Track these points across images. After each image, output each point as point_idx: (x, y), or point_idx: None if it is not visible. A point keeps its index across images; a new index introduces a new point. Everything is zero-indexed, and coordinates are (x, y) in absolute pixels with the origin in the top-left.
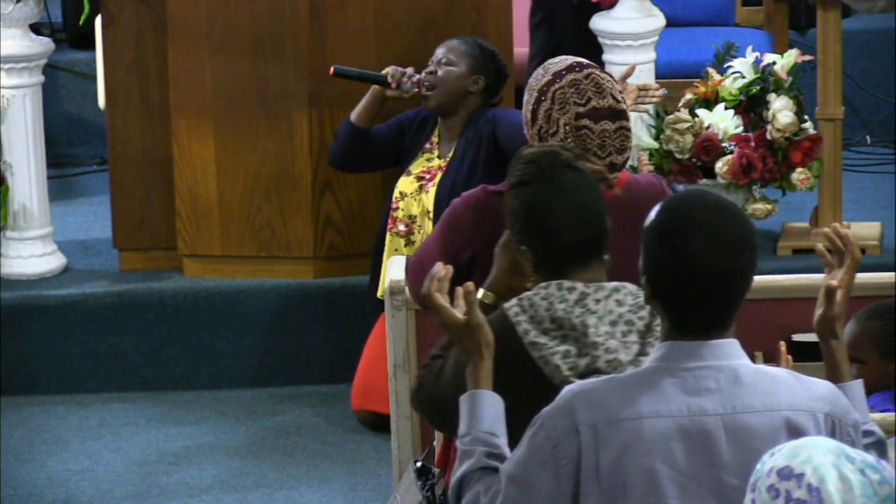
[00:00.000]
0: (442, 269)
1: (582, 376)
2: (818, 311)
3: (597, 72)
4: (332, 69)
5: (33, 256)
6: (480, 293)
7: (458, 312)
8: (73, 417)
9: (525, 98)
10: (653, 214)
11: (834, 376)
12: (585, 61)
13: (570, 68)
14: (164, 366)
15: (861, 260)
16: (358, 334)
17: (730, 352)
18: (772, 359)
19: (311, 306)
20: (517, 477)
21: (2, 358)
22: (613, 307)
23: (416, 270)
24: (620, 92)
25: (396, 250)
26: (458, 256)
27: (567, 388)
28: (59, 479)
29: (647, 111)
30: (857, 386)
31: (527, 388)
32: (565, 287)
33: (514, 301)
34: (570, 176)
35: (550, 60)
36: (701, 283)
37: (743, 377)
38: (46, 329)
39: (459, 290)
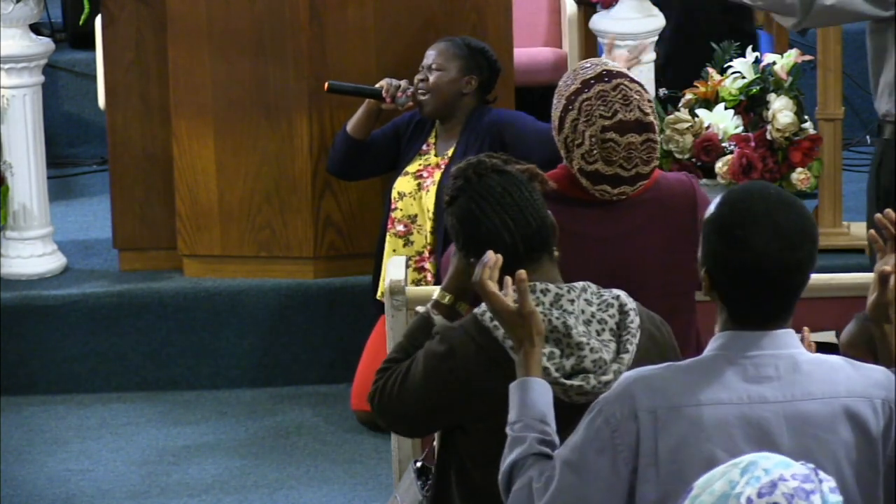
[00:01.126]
0: (493, 258)
1: (569, 377)
2: (871, 297)
3: (626, 82)
4: (326, 85)
5: (33, 256)
6: (436, 294)
7: (509, 300)
8: (73, 417)
9: (553, 102)
10: (713, 207)
11: (889, 361)
12: (616, 69)
13: (599, 77)
14: (164, 366)
15: None
16: (358, 334)
17: (788, 341)
18: None
19: (311, 306)
20: (573, 462)
21: (2, 358)
22: (584, 306)
23: (445, 267)
24: (649, 102)
25: (395, 251)
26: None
27: (625, 375)
28: (59, 479)
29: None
30: None
31: (505, 393)
32: (538, 289)
33: (484, 306)
34: (497, 179)
35: (580, 65)
36: (760, 276)
37: (802, 365)
38: (46, 329)
39: (508, 280)
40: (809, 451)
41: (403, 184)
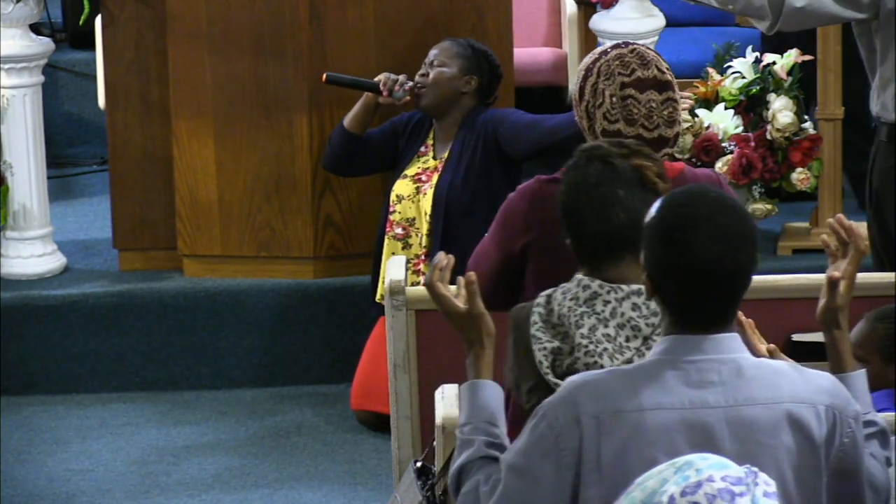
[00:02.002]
0: (444, 259)
1: (560, 376)
2: (821, 302)
3: (641, 46)
4: (324, 76)
5: (33, 256)
6: None
7: (460, 302)
8: (73, 417)
9: (573, 81)
10: (653, 211)
11: (837, 367)
12: (632, 41)
13: (616, 46)
14: (164, 366)
15: (866, 251)
16: (358, 334)
17: (731, 345)
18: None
19: (312, 306)
20: (518, 466)
21: (2, 358)
22: (626, 310)
23: (472, 266)
24: (667, 66)
25: (394, 253)
26: (512, 247)
27: (569, 379)
28: (59, 479)
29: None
30: (860, 377)
31: (533, 377)
32: (582, 284)
33: (544, 293)
34: (597, 168)
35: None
36: (703, 280)
37: (745, 370)
38: (46, 329)
39: (460, 280)
40: (752, 455)
41: (402, 186)
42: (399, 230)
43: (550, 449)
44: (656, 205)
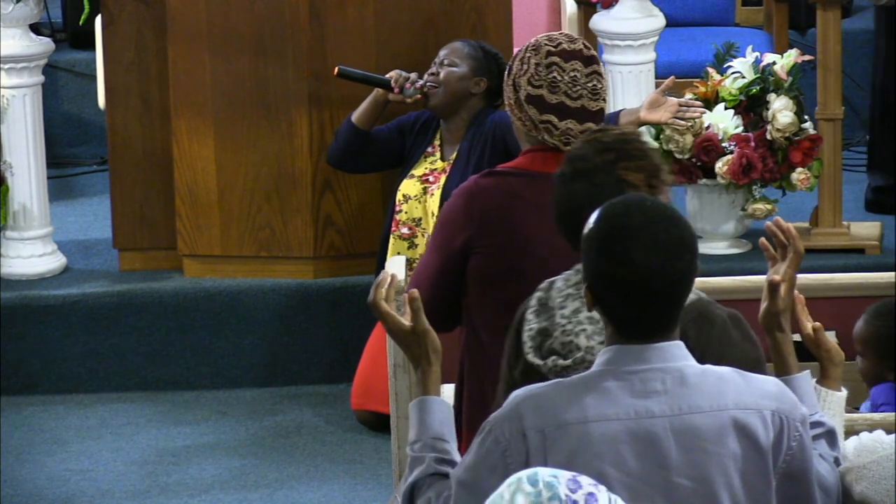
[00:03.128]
0: (387, 277)
1: (543, 357)
2: (763, 306)
3: (574, 35)
4: (336, 69)
5: (33, 256)
6: None
7: (405, 319)
8: (73, 417)
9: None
10: (591, 222)
11: (782, 370)
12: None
13: (549, 32)
14: (164, 366)
15: (804, 253)
16: (358, 334)
17: (675, 354)
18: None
19: (312, 306)
20: (467, 482)
21: (2, 358)
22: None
23: (413, 283)
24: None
25: (399, 253)
26: (451, 245)
27: (514, 393)
28: (59, 479)
29: (685, 126)
30: (805, 378)
31: (523, 366)
32: (576, 268)
33: (548, 280)
34: (582, 189)
35: None
36: (643, 290)
37: (689, 378)
38: (46, 329)
39: (404, 297)
40: (699, 464)
41: (409, 186)
42: (405, 230)
43: (497, 463)
44: (594, 215)
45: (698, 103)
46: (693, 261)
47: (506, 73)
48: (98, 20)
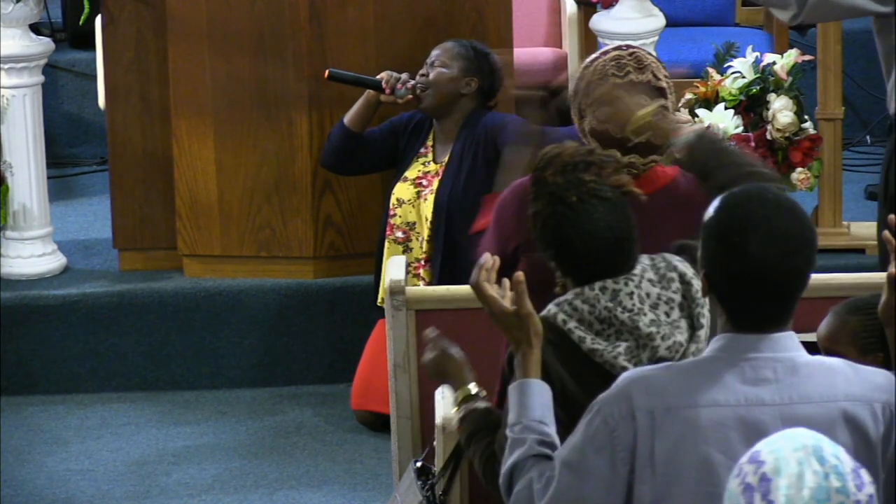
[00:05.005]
0: (490, 259)
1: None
2: (883, 299)
3: (642, 51)
4: (326, 72)
5: (33, 256)
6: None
7: (507, 302)
8: (73, 417)
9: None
10: (711, 210)
11: None
12: (634, 45)
13: (617, 48)
14: (164, 366)
15: None
16: (358, 334)
17: (787, 344)
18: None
19: (312, 306)
20: (573, 463)
21: (2, 358)
22: (649, 289)
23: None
24: (665, 73)
25: (394, 256)
26: (506, 248)
27: (624, 375)
28: (59, 479)
29: None
30: None
31: (597, 386)
32: (597, 287)
33: (553, 308)
34: (561, 211)
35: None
36: (758, 282)
37: (800, 368)
38: (46, 329)
39: (506, 282)
40: None
41: (402, 190)
42: (399, 234)
43: (605, 444)
44: (714, 204)
45: (687, 117)
46: (811, 256)
47: (570, 97)
48: (98, 20)
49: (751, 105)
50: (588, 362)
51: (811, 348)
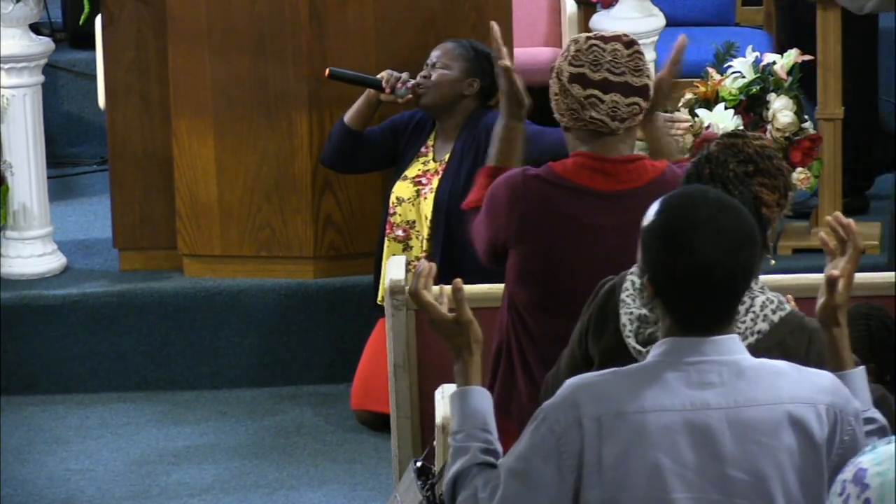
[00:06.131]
0: (427, 267)
1: (642, 343)
2: (820, 301)
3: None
4: (327, 71)
5: (33, 256)
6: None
7: (445, 309)
8: (73, 417)
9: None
10: (652, 214)
11: (837, 365)
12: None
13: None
14: (164, 366)
15: (863, 249)
16: (358, 334)
17: (731, 347)
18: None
19: (312, 306)
20: (519, 471)
21: (2, 358)
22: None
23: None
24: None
25: (394, 255)
26: (497, 238)
27: (569, 382)
28: (59, 479)
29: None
30: (860, 374)
31: (610, 343)
32: (629, 278)
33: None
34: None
35: None
36: (706, 281)
37: (745, 371)
38: (46, 329)
39: (446, 289)
40: (753, 456)
41: (402, 189)
42: (399, 232)
43: (551, 452)
44: (654, 207)
45: (686, 117)
46: (756, 253)
47: (550, 78)
48: (98, 20)
49: (751, 105)
50: (614, 314)
51: None
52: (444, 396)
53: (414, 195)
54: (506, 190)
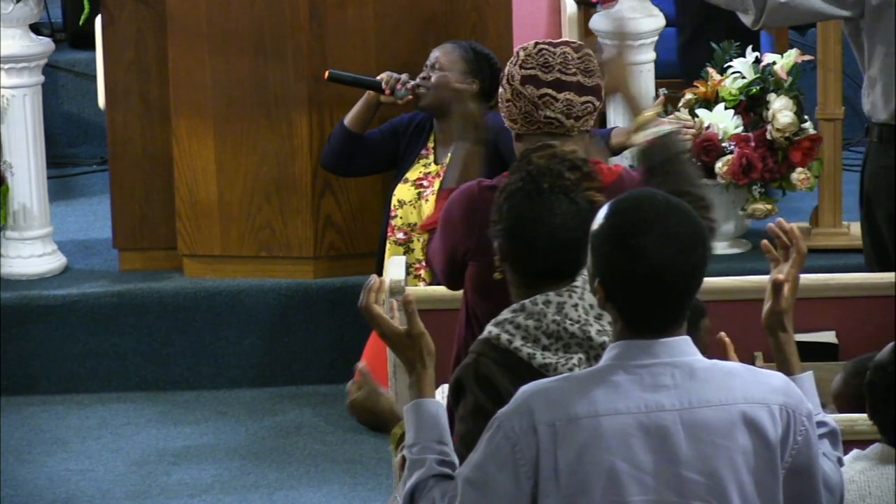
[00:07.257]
0: (377, 281)
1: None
2: (766, 306)
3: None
4: (326, 73)
5: (33, 256)
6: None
7: (397, 323)
8: (73, 417)
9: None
10: (601, 217)
11: (784, 370)
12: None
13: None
14: (164, 366)
15: (807, 253)
16: (358, 334)
17: (683, 349)
18: (771, 359)
19: (312, 306)
20: (475, 480)
21: (2, 358)
22: (591, 300)
23: (429, 258)
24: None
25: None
26: (455, 254)
27: (523, 388)
28: (59, 479)
29: None
30: (808, 378)
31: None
32: (541, 302)
33: (494, 330)
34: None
35: None
36: (657, 284)
37: (698, 372)
38: (46, 329)
39: (394, 303)
40: (708, 458)
41: (403, 191)
42: (400, 235)
43: (507, 460)
44: (603, 211)
45: (690, 123)
46: (706, 254)
47: (501, 85)
48: (98, 20)
49: (751, 105)
50: (540, 378)
51: (810, 348)
52: (444, 397)
53: (415, 198)
54: (461, 203)
